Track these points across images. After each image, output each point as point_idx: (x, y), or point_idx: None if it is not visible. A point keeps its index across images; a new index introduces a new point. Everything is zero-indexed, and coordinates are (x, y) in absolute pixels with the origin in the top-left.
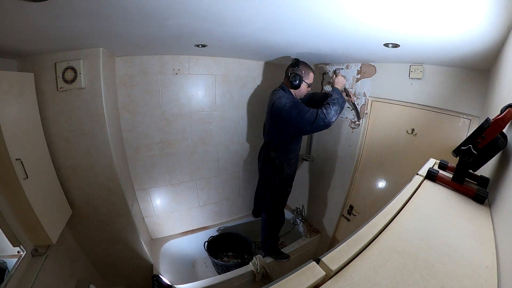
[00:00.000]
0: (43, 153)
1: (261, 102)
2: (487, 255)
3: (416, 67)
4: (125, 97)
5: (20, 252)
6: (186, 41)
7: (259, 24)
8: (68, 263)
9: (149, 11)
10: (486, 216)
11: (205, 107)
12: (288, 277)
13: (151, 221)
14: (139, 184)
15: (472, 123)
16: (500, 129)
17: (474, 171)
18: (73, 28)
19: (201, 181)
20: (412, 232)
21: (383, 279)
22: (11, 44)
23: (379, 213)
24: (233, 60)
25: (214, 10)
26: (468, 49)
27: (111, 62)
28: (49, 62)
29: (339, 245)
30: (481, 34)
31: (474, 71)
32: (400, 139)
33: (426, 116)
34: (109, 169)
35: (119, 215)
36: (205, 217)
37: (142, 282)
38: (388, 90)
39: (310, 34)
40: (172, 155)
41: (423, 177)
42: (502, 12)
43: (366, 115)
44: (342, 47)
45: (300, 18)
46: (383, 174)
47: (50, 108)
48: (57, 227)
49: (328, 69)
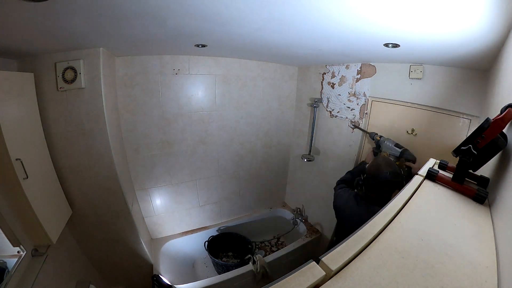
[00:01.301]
0: (43, 153)
1: (261, 102)
2: (487, 255)
3: (416, 67)
4: (125, 97)
5: (20, 252)
6: (186, 41)
7: (259, 24)
8: (68, 263)
9: (149, 11)
10: (486, 216)
11: (205, 107)
12: (288, 277)
13: (151, 221)
14: (139, 184)
15: (472, 123)
16: (500, 129)
17: (474, 171)
18: (73, 28)
19: (201, 181)
20: (412, 232)
21: (383, 279)
22: (11, 44)
23: (379, 213)
24: (233, 60)
25: (214, 10)
26: (468, 49)
27: (111, 62)
28: (49, 62)
29: (339, 245)
30: (481, 34)
31: (474, 71)
32: (400, 139)
33: (426, 116)
34: (109, 169)
35: (119, 215)
36: (205, 217)
37: (142, 282)
38: (388, 90)
39: (311, 33)
40: (172, 155)
41: (423, 177)
42: (502, 12)
43: (366, 115)
44: (343, 46)
45: (302, 15)
46: None
47: (50, 108)
48: (57, 227)
49: (328, 69)
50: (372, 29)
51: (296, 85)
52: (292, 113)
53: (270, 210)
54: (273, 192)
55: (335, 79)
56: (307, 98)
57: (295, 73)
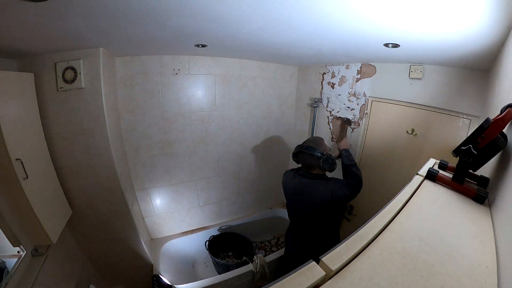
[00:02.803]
0: (43, 153)
1: (261, 102)
2: (487, 255)
3: (416, 67)
4: (125, 97)
5: (20, 252)
6: (186, 41)
7: (259, 23)
8: (68, 263)
9: (149, 11)
10: (486, 216)
11: (205, 107)
12: (288, 277)
13: (151, 221)
14: (139, 184)
15: (472, 123)
16: (500, 129)
17: (474, 171)
18: (73, 28)
19: (201, 181)
20: (412, 232)
21: (383, 279)
22: (11, 44)
23: (379, 213)
24: (233, 60)
25: (214, 10)
26: (468, 49)
27: (111, 62)
28: (49, 62)
29: (339, 245)
30: (481, 34)
31: (474, 71)
32: (400, 139)
33: (426, 116)
34: (109, 169)
35: (119, 215)
36: (205, 217)
37: (142, 282)
38: (388, 90)
39: (311, 33)
40: (172, 155)
41: (423, 177)
42: (502, 12)
43: (366, 115)
44: (343, 46)
45: (302, 15)
46: (383, 174)
47: (50, 108)
48: (57, 227)
49: (328, 69)
50: (372, 29)
51: (296, 85)
52: (292, 113)
53: (270, 210)
54: (273, 192)
55: (335, 79)
56: (307, 98)
57: (295, 73)
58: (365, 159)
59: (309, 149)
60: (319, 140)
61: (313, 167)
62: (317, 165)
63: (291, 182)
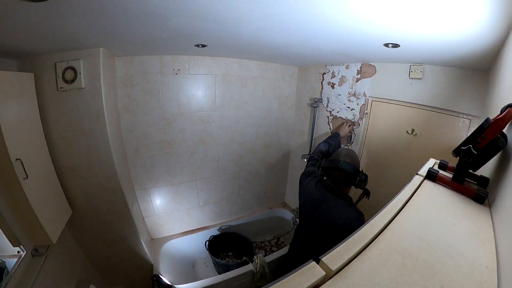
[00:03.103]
0: (43, 153)
1: (261, 102)
2: (487, 255)
3: (416, 67)
4: (125, 97)
5: (20, 252)
6: (186, 41)
7: (259, 24)
8: (68, 263)
9: (149, 11)
10: (486, 216)
11: (205, 107)
12: (288, 277)
13: (151, 221)
14: (139, 184)
15: (472, 123)
16: (500, 129)
17: (474, 171)
18: (73, 28)
19: (201, 181)
20: (412, 232)
21: (383, 279)
22: (11, 44)
23: (379, 213)
24: (233, 60)
25: (214, 10)
26: (467, 49)
27: (111, 62)
28: (49, 62)
29: (339, 245)
30: (481, 34)
31: (474, 71)
32: (400, 139)
33: (426, 116)
34: (109, 169)
35: (119, 215)
36: (205, 217)
37: (142, 282)
38: (388, 90)
39: (311, 33)
40: (172, 155)
41: (423, 177)
42: (502, 12)
43: (366, 115)
44: (343, 46)
45: (301, 15)
46: (383, 174)
47: (50, 108)
48: (57, 227)
49: (328, 69)
50: (372, 29)
51: (296, 85)
52: (292, 113)
53: (270, 210)
54: (273, 192)
55: (335, 79)
56: (307, 98)
57: (295, 73)
58: (365, 159)
59: (346, 165)
60: (353, 154)
61: (344, 185)
62: (350, 184)
63: (312, 191)
